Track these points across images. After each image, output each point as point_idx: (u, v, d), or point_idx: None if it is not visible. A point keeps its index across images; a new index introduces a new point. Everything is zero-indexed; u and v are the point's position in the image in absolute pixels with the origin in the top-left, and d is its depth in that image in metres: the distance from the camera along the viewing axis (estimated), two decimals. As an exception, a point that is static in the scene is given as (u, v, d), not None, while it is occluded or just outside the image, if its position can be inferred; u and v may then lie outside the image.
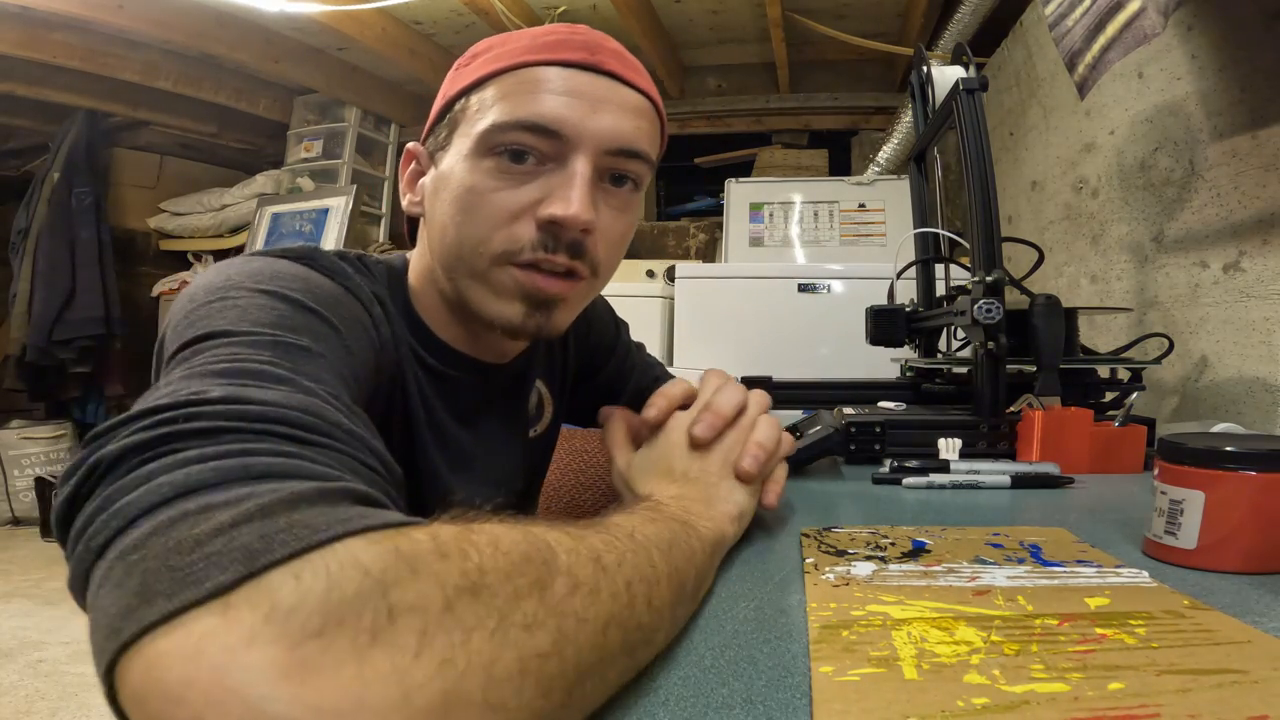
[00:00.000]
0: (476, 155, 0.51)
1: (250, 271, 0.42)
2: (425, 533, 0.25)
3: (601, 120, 0.51)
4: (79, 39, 2.54)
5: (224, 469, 0.25)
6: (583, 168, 0.50)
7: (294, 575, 0.21)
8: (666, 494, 0.47)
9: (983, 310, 0.77)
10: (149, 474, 0.25)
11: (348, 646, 0.21)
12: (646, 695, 0.29)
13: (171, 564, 0.22)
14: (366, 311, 0.49)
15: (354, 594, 0.21)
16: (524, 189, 0.50)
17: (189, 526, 0.23)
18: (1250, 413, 1.06)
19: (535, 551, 0.27)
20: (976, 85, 0.85)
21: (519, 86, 0.50)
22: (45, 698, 1.73)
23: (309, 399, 0.32)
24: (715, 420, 0.51)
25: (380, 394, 0.50)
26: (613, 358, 0.78)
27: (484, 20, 2.58)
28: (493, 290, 0.52)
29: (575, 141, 0.50)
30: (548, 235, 0.50)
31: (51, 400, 3.35)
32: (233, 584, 0.21)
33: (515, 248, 0.51)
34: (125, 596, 0.22)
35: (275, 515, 0.23)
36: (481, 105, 0.51)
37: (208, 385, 0.30)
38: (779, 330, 2.10)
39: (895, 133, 2.64)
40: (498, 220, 0.51)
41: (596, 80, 0.51)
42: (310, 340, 0.38)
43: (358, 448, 0.32)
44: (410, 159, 0.59)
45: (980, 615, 0.35)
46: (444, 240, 0.53)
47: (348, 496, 0.26)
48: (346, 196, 3.00)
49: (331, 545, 0.23)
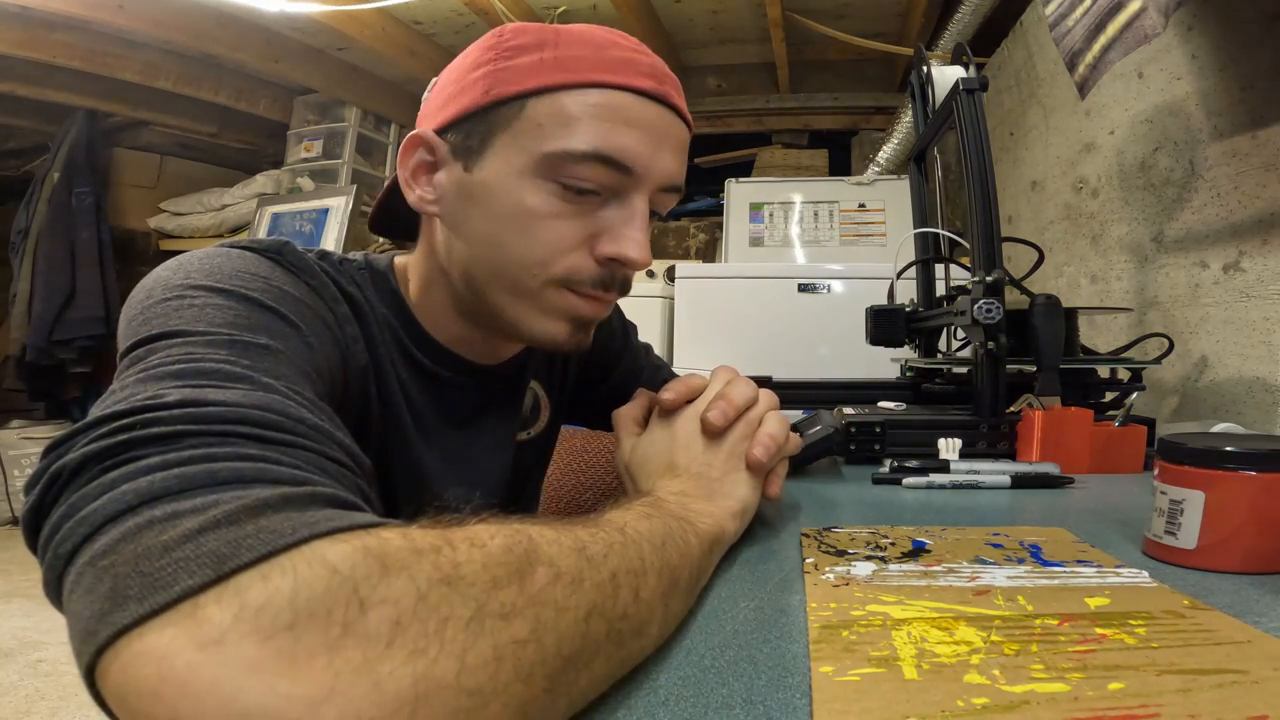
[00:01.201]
0: (538, 175, 0.48)
1: (209, 269, 0.41)
2: (396, 532, 0.25)
3: (664, 160, 0.51)
4: (79, 39, 2.54)
5: (188, 475, 0.26)
6: (643, 206, 0.50)
7: (262, 576, 0.22)
8: (668, 490, 0.47)
9: (983, 310, 0.77)
10: (111, 482, 0.26)
11: (319, 639, 0.21)
12: (646, 695, 0.29)
13: (141, 569, 0.22)
14: (330, 309, 0.49)
15: (323, 590, 0.22)
16: (584, 220, 0.50)
17: (156, 533, 0.23)
18: (1250, 413, 1.06)
19: (515, 543, 0.27)
20: (976, 85, 0.85)
21: (595, 110, 0.48)
22: (45, 698, 1.73)
23: (269, 396, 0.32)
24: (728, 408, 0.51)
25: (353, 392, 0.50)
26: (622, 361, 0.78)
27: (484, 20, 2.58)
28: (540, 310, 0.52)
29: (641, 179, 0.50)
30: (608, 272, 0.51)
31: (51, 400, 3.35)
32: (201, 587, 0.22)
33: (577, 277, 0.51)
34: (98, 601, 0.22)
35: (242, 522, 0.24)
36: (550, 121, 0.48)
37: (164, 389, 0.30)
38: (779, 330, 2.10)
39: (895, 133, 2.63)
40: (560, 247, 0.50)
41: (663, 114, 0.51)
42: (268, 338, 0.37)
43: (323, 442, 0.32)
44: (416, 147, 0.52)
45: (980, 615, 0.35)
46: (485, 254, 0.51)
47: (315, 500, 0.26)
48: (346, 196, 3.00)
49: (299, 547, 0.23)
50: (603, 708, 0.28)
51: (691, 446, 0.51)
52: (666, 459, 0.51)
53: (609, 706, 0.28)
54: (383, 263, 0.59)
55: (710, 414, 0.51)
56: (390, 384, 0.55)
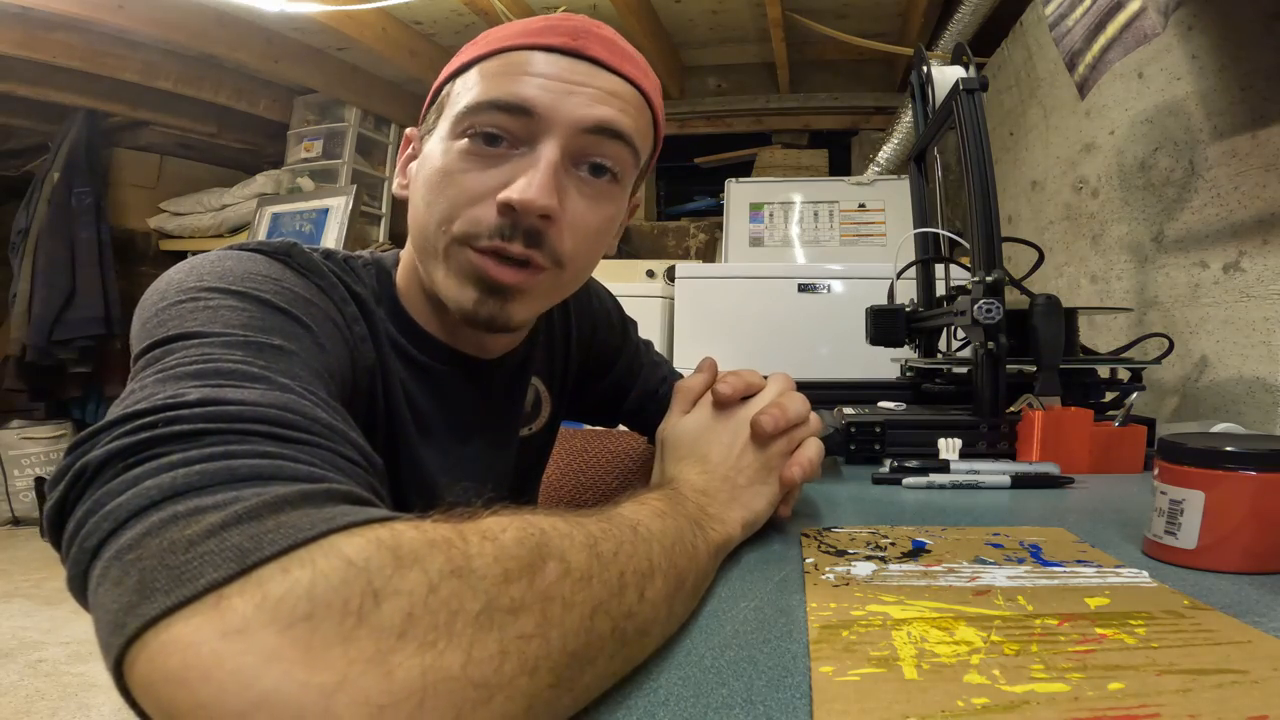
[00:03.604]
0: (451, 137, 0.50)
1: (221, 271, 0.42)
2: (410, 525, 0.26)
3: (576, 101, 0.49)
4: (79, 39, 2.53)
5: (209, 472, 0.26)
6: (550, 152, 0.48)
7: (282, 569, 0.23)
8: (691, 485, 0.47)
9: (983, 310, 0.77)
10: (135, 478, 0.26)
11: (334, 629, 0.22)
12: (646, 695, 0.29)
13: (168, 563, 0.23)
14: (339, 310, 0.49)
15: (339, 582, 0.23)
16: (491, 171, 0.49)
17: (181, 528, 0.24)
18: (1250, 413, 1.06)
19: (527, 536, 0.28)
20: (976, 85, 0.85)
21: (498, 68, 0.50)
22: (45, 698, 1.73)
23: (285, 395, 0.33)
24: (781, 419, 0.51)
25: (360, 392, 0.50)
26: (621, 357, 0.77)
27: (484, 20, 2.58)
28: (449, 272, 0.51)
29: (547, 122, 0.48)
30: (505, 221, 0.49)
31: (51, 400, 3.34)
32: (226, 580, 0.22)
33: (475, 230, 0.49)
34: (126, 594, 0.23)
35: (263, 517, 0.24)
36: (464, 88, 0.51)
37: (184, 388, 0.31)
38: (779, 330, 2.10)
39: (895, 133, 2.64)
40: (462, 201, 0.49)
41: (577, 65, 0.50)
42: (282, 339, 0.38)
43: (337, 441, 0.32)
44: (407, 144, 0.59)
45: (980, 615, 0.35)
46: (415, 221, 0.53)
47: (332, 497, 0.27)
48: (346, 196, 2.99)
49: (317, 541, 0.24)
50: (603, 707, 0.28)
51: (730, 445, 0.50)
52: (701, 449, 0.51)
53: (609, 706, 0.28)
54: (389, 260, 0.59)
55: (763, 418, 0.50)
56: (392, 382, 0.55)
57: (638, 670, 0.31)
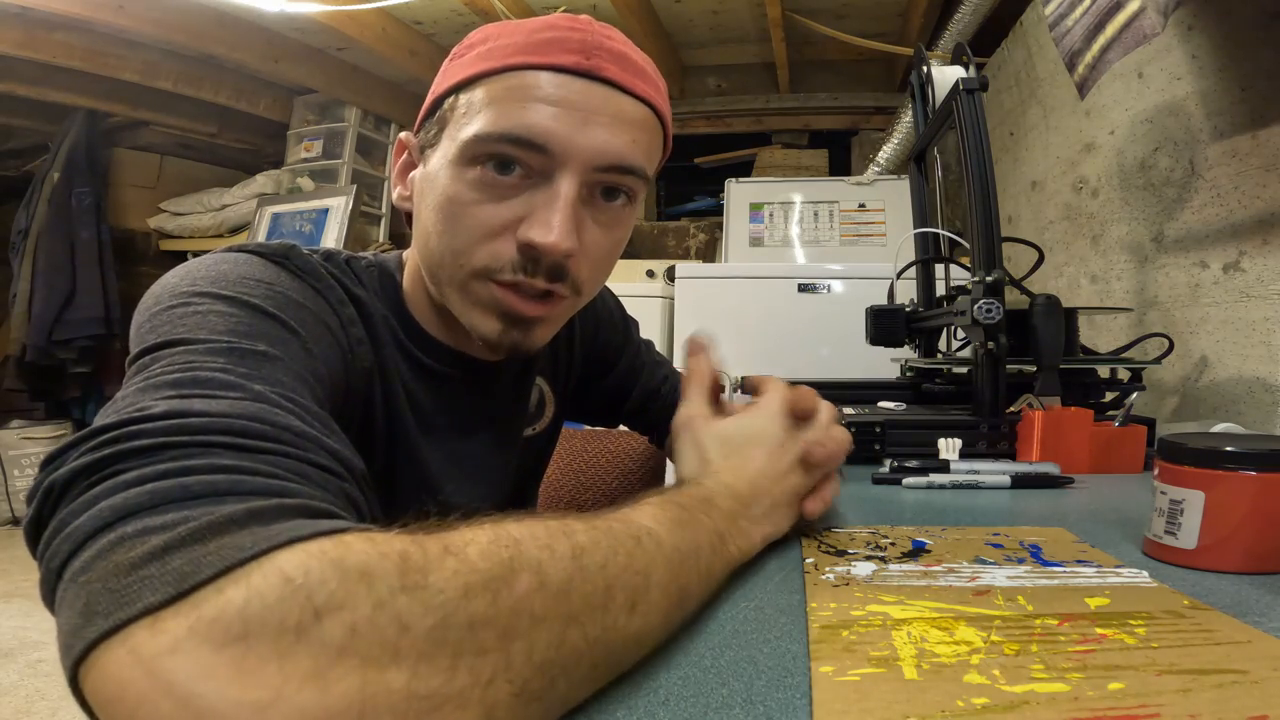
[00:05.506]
0: (460, 164, 0.49)
1: (215, 275, 0.42)
2: (362, 538, 0.26)
3: (593, 135, 0.48)
4: (79, 39, 2.53)
5: (160, 491, 0.27)
6: (568, 188, 0.47)
7: (217, 590, 0.23)
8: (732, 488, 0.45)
9: (983, 310, 0.77)
10: (93, 498, 0.27)
11: (269, 646, 0.22)
12: (646, 695, 0.29)
13: (110, 586, 0.24)
14: (335, 313, 0.49)
15: (275, 600, 0.23)
16: (506, 204, 0.48)
17: (126, 550, 0.25)
18: (1250, 413, 1.06)
19: (497, 549, 0.27)
20: (976, 85, 0.85)
21: (507, 93, 0.48)
22: (45, 698, 1.73)
23: (256, 404, 0.33)
24: (832, 456, 0.50)
25: (355, 394, 0.50)
26: (623, 357, 0.77)
27: (484, 20, 2.58)
28: (470, 303, 0.51)
29: (563, 158, 0.47)
30: (527, 259, 0.48)
31: (51, 400, 3.34)
32: (162, 603, 0.23)
33: (495, 265, 0.49)
34: (75, 616, 0.24)
35: (205, 540, 0.25)
36: (469, 109, 0.49)
37: (154, 399, 0.31)
38: (779, 330, 2.09)
39: (895, 133, 2.64)
40: (478, 235, 0.49)
41: (591, 89, 0.48)
42: (267, 345, 0.38)
43: (306, 448, 0.32)
44: (402, 150, 0.57)
45: (980, 615, 0.35)
46: (427, 246, 0.52)
47: (285, 512, 0.27)
48: (346, 196, 2.99)
49: (256, 560, 0.24)
50: (603, 707, 0.28)
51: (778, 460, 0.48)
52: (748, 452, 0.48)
53: (609, 706, 0.28)
54: (392, 262, 0.59)
55: (820, 451, 0.49)
56: (393, 384, 0.55)
57: (637, 670, 0.31)
